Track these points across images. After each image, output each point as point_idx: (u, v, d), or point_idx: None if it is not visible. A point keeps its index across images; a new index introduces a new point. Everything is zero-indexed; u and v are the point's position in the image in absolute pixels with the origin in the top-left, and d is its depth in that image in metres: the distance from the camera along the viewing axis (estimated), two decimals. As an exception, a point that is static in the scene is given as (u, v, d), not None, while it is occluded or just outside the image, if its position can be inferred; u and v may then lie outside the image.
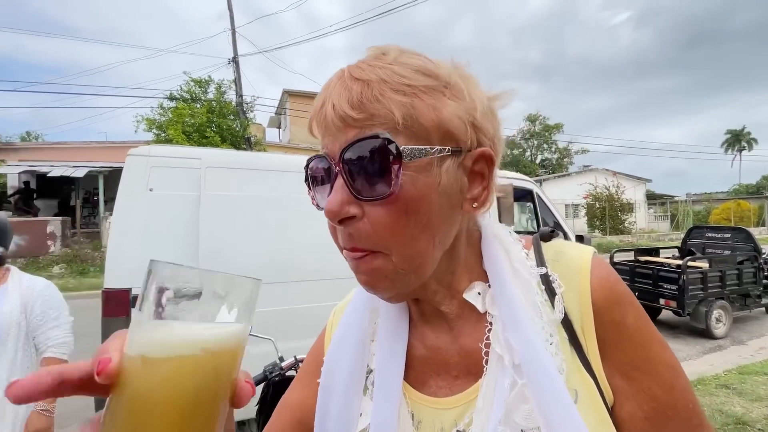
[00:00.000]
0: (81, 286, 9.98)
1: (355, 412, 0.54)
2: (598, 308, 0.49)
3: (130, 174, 2.81)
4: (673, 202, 31.06)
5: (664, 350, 0.51)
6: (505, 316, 0.49)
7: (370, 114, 0.43)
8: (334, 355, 0.58)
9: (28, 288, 1.85)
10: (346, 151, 0.44)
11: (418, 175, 0.44)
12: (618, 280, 0.51)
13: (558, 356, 0.47)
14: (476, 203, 0.49)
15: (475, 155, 0.48)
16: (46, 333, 1.86)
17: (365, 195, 0.44)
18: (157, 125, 14.22)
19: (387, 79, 0.44)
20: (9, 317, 1.75)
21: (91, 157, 15.72)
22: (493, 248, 0.54)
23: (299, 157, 3.49)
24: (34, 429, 1.77)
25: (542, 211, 4.92)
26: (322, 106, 0.46)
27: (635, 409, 0.48)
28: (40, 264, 11.49)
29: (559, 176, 28.04)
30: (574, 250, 0.54)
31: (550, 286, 0.51)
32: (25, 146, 17.97)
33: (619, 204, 22.71)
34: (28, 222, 12.29)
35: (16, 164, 14.66)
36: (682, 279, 5.87)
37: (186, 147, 6.38)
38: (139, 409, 0.28)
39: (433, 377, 0.55)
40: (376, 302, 0.58)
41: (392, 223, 0.44)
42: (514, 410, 0.46)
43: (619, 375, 0.49)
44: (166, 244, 2.80)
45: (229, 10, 15.93)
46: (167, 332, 0.29)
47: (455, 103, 0.46)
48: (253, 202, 3.04)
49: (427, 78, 0.45)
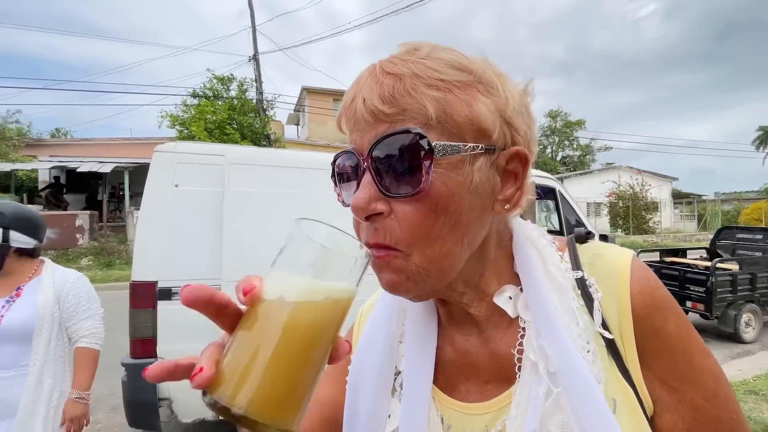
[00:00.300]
0: (107, 277, 10.32)
1: (384, 413, 0.54)
2: (638, 315, 0.47)
3: (156, 170, 2.89)
4: (700, 201, 30.02)
5: (707, 358, 0.49)
6: (539, 323, 0.47)
7: (402, 108, 0.42)
8: (361, 354, 0.57)
9: (61, 280, 1.92)
10: (376, 146, 0.43)
11: (449, 172, 0.43)
12: (659, 284, 0.49)
13: (596, 364, 0.45)
14: (508, 204, 0.48)
15: (509, 154, 0.46)
16: (78, 323, 1.92)
17: (393, 191, 0.43)
18: (180, 122, 14.55)
19: (420, 74, 0.42)
20: (43, 308, 1.82)
21: (117, 153, 16.22)
22: (525, 251, 0.52)
23: (320, 154, 3.52)
24: (70, 416, 1.85)
25: (565, 210, 4.83)
26: (352, 101, 0.45)
27: (676, 420, 0.47)
28: (69, 256, 11.93)
29: (581, 174, 27.41)
30: (612, 252, 0.52)
31: (587, 291, 0.49)
32: (55, 142, 18.65)
33: (643, 203, 22.10)
34: (58, 215, 12.77)
35: (47, 159, 15.25)
36: (711, 281, 5.68)
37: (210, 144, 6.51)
38: (269, 338, 0.33)
39: (462, 381, 0.53)
40: (403, 303, 0.57)
41: (420, 222, 0.43)
42: (550, 419, 0.44)
43: (659, 384, 0.47)
44: (191, 238, 2.87)
45: (250, 8, 16.12)
46: (300, 281, 0.35)
47: (488, 99, 0.44)
48: (275, 198, 3.08)
49: (461, 73, 0.44)
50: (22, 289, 1.84)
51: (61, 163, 14.63)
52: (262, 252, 3.04)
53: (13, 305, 1.79)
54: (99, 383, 2.07)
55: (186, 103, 15.22)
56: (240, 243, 2.92)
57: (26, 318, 1.79)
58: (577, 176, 26.58)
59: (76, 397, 1.87)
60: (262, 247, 3.00)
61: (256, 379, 0.32)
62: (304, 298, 0.34)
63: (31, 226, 1.89)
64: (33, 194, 14.50)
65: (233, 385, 0.32)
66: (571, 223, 4.91)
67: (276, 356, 0.33)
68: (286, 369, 0.33)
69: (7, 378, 1.74)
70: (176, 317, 2.80)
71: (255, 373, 0.32)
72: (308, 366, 0.35)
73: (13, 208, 1.89)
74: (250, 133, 14.74)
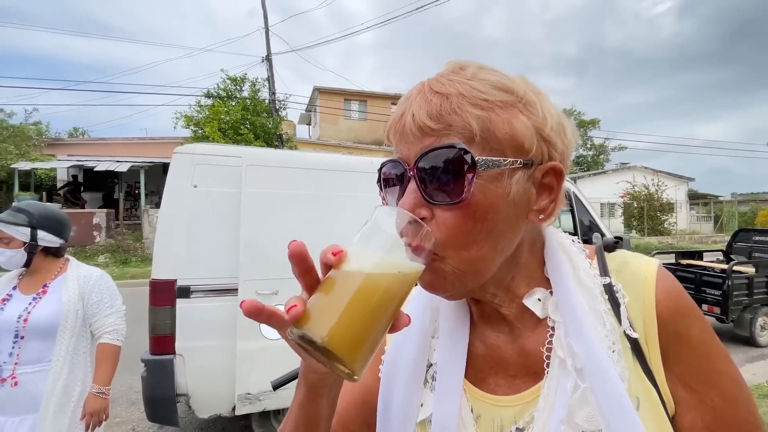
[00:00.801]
0: (124, 275, 10.53)
1: (416, 402, 0.58)
2: (663, 320, 0.50)
3: (175, 171, 2.95)
4: (717, 202, 29.40)
5: (728, 363, 0.51)
6: (568, 322, 0.50)
7: (448, 125, 0.46)
8: (396, 347, 0.62)
9: (85, 277, 1.99)
10: (423, 157, 0.47)
11: (489, 184, 0.47)
12: (683, 292, 0.52)
13: (620, 363, 0.48)
14: (542, 215, 0.51)
15: (545, 168, 0.50)
16: (101, 320, 1.98)
17: (437, 199, 0.47)
18: (195, 122, 14.75)
19: (465, 94, 0.46)
20: (68, 305, 1.88)
21: (133, 152, 16.51)
22: (556, 257, 0.55)
23: (335, 156, 3.56)
24: (91, 410, 1.90)
25: (579, 211, 4.79)
26: (401, 116, 0.49)
27: (696, 420, 0.49)
28: (86, 253, 12.20)
29: (595, 174, 27.01)
30: (639, 260, 0.55)
31: (614, 296, 0.52)
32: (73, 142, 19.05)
33: (658, 204, 21.73)
34: (76, 213, 13.06)
35: (65, 159, 15.59)
36: (727, 284, 5.59)
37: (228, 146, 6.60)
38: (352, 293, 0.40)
39: (491, 375, 0.57)
40: (437, 302, 0.61)
41: (458, 227, 0.46)
42: (576, 411, 0.48)
43: (681, 385, 0.50)
44: (209, 238, 2.94)
45: (263, 9, 16.27)
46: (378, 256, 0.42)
47: (528, 118, 0.48)
48: (291, 199, 3.13)
49: (503, 93, 0.47)
50: (48, 287, 1.91)
51: (79, 162, 14.96)
52: (278, 252, 3.09)
53: (39, 302, 1.86)
54: (117, 378, 2.14)
55: (200, 104, 15.44)
56: (256, 243, 2.98)
57: (52, 314, 1.85)
58: (590, 176, 26.20)
59: (97, 392, 1.92)
60: (278, 247, 3.06)
61: (339, 321, 0.38)
62: (382, 269, 0.41)
63: (58, 226, 1.97)
64: (52, 193, 14.84)
65: (320, 322, 0.39)
66: (584, 224, 4.87)
67: (356, 308, 0.39)
68: (362, 320, 0.40)
69: (34, 373, 1.80)
70: (194, 315, 2.86)
71: (339, 317, 0.39)
72: (379, 323, 0.41)
73: (40, 207, 1.96)
74: (263, 133, 14.89)
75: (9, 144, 14.74)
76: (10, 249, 1.85)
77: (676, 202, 23.29)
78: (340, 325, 0.38)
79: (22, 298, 1.86)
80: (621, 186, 22.63)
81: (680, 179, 27.00)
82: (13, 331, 1.79)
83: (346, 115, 23.77)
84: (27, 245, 1.87)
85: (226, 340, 2.90)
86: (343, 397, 0.67)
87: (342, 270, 0.41)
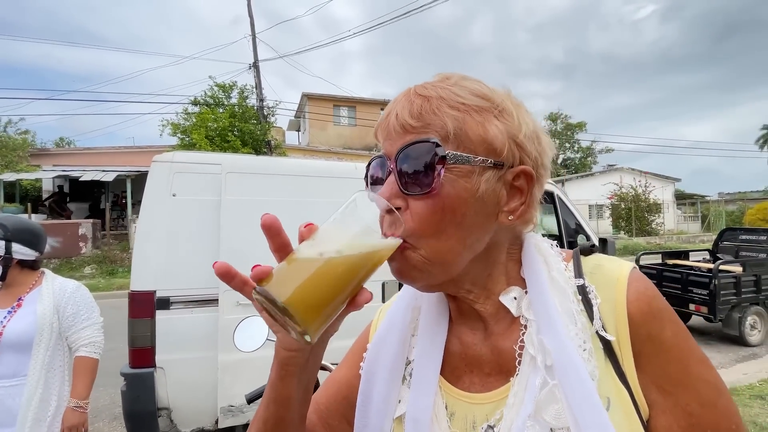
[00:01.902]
0: (110, 286, 10.35)
1: (395, 398, 0.60)
2: (634, 321, 0.50)
3: (154, 180, 2.90)
4: (704, 202, 29.86)
5: (705, 368, 0.51)
6: (540, 320, 0.52)
7: (426, 123, 0.50)
8: (377, 345, 0.64)
9: (60, 290, 1.93)
10: (402, 151, 0.50)
11: (459, 179, 0.50)
12: (656, 294, 0.52)
13: (590, 363, 0.49)
14: (512, 216, 0.53)
15: (516, 171, 0.52)
16: (77, 333, 1.94)
17: (411, 190, 0.50)
18: (182, 130, 14.64)
19: (445, 97, 0.51)
20: (42, 318, 1.84)
21: (120, 161, 16.31)
22: (532, 257, 0.57)
23: (317, 162, 3.53)
24: (69, 424, 1.86)
25: (563, 213, 4.81)
26: (387, 116, 0.54)
27: (671, 424, 0.49)
28: (72, 264, 11.98)
29: (582, 176, 27.32)
30: (613, 263, 0.56)
31: (587, 296, 0.53)
32: (59, 152, 18.80)
33: (646, 204, 22.00)
34: (62, 224, 12.83)
35: (50, 169, 15.36)
36: (714, 283, 5.65)
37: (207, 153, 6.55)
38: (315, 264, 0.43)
39: (467, 373, 0.58)
40: (419, 301, 0.64)
41: (428, 217, 0.49)
42: (544, 408, 0.48)
43: (655, 388, 0.50)
44: (189, 247, 2.88)
45: (250, 17, 16.26)
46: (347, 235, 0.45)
47: (502, 123, 0.51)
48: (272, 206, 3.08)
49: (480, 99, 0.51)
50: (23, 300, 1.86)
51: (65, 173, 14.74)
52: (260, 260, 3.04)
53: (14, 316, 1.81)
54: (100, 392, 2.09)
55: (187, 111, 15.32)
56: (237, 251, 2.92)
57: (26, 328, 1.81)
58: (578, 179, 26.50)
59: (74, 406, 1.89)
60: (259, 255, 3.00)
61: (301, 285, 0.42)
62: (349, 248, 0.44)
63: (33, 239, 1.92)
64: (37, 203, 14.60)
65: (282, 283, 0.43)
66: (570, 227, 4.88)
67: (317, 277, 0.42)
68: (322, 289, 0.43)
69: (10, 387, 1.77)
70: (174, 327, 2.80)
71: (301, 283, 0.42)
72: (338, 294, 0.44)
73: (15, 220, 1.92)
74: (251, 140, 14.81)
75: (-7, 155, 14.50)
76: None
77: (663, 203, 23.60)
78: (300, 289, 0.41)
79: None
80: (608, 188, 22.91)
81: (667, 180, 27.41)
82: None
83: (336, 121, 23.80)
84: (1, 258, 1.82)
85: (208, 352, 2.84)
86: (324, 391, 0.70)
87: (312, 244, 0.45)
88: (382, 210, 0.51)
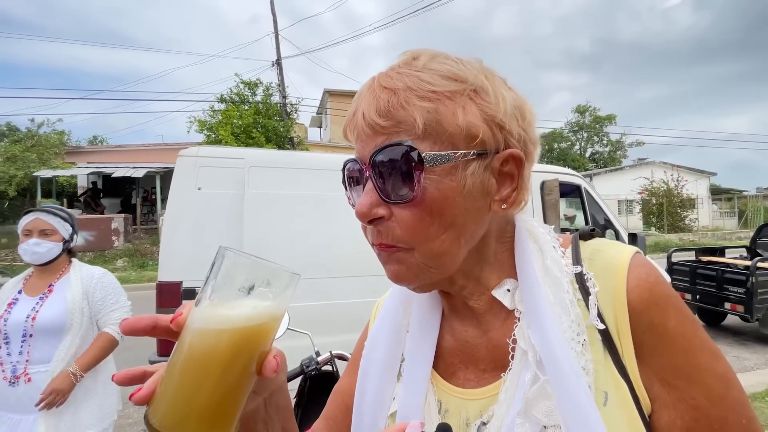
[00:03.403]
0: (141, 278, 10.74)
1: (389, 395, 0.58)
2: (635, 310, 0.46)
3: (180, 174, 2.98)
4: (741, 197, 28.46)
5: (714, 359, 0.46)
6: (530, 313, 0.49)
7: (397, 121, 0.45)
8: (372, 343, 0.62)
9: (87, 276, 2.02)
10: (375, 156, 0.46)
11: (442, 179, 0.46)
12: (659, 280, 0.48)
13: (584, 356, 0.46)
14: (505, 204, 0.50)
15: (503, 156, 0.48)
16: (107, 315, 2.02)
17: (392, 198, 0.46)
18: (208, 127, 14.99)
19: (413, 87, 0.45)
20: (72, 303, 1.92)
21: (149, 158, 16.85)
22: (524, 245, 0.53)
23: (337, 156, 3.55)
24: (57, 386, 1.80)
25: (591, 207, 4.67)
26: (354, 114, 0.49)
27: (675, 419, 0.45)
28: (105, 257, 12.50)
29: (612, 170, 26.42)
30: (613, 248, 0.52)
31: (585, 285, 0.49)
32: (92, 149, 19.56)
33: (678, 199, 21.13)
34: (95, 219, 13.39)
35: (85, 166, 16.03)
36: (751, 281, 5.37)
37: (231, 148, 6.69)
38: (183, 362, 0.37)
39: (461, 369, 0.56)
40: (411, 296, 0.61)
41: (416, 224, 0.46)
42: (534, 405, 0.46)
43: (658, 381, 0.46)
44: (213, 239, 2.95)
45: (273, 14, 16.44)
46: (218, 311, 0.38)
47: (479, 106, 0.46)
48: (293, 200, 3.13)
49: (452, 83, 0.46)
50: (53, 286, 1.95)
51: (98, 169, 15.35)
52: (282, 252, 3.10)
53: (46, 301, 1.89)
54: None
55: (213, 109, 15.67)
56: (260, 243, 2.98)
57: (59, 313, 1.88)
58: (607, 173, 25.66)
59: (72, 371, 1.85)
60: (282, 246, 3.06)
61: (172, 399, 0.36)
62: (220, 326, 0.37)
63: (77, 228, 2.07)
64: (72, 199, 15.27)
65: (155, 403, 0.37)
66: (599, 222, 4.74)
67: (185, 380, 0.36)
68: (193, 391, 0.37)
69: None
70: (200, 316, 2.89)
71: (171, 394, 0.37)
72: (219, 389, 0.37)
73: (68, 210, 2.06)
74: (275, 136, 15.03)
75: (32, 153, 15.23)
76: (50, 241, 1.93)
77: (698, 198, 22.62)
78: (175, 405, 0.36)
79: (29, 300, 1.90)
80: (639, 182, 22.11)
81: (701, 174, 26.24)
82: (21, 332, 1.83)
83: (357, 117, 23.82)
84: (65, 242, 1.95)
85: (232, 342, 2.91)
86: (330, 403, 0.69)
87: (181, 336, 0.39)
88: (364, 222, 0.48)
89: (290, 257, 3.05)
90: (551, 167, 4.58)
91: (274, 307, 0.40)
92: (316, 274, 3.08)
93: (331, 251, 3.17)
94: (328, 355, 1.75)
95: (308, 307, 2.95)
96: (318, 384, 1.77)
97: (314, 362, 1.72)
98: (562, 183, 4.19)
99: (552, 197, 3.76)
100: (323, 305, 3.06)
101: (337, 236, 3.16)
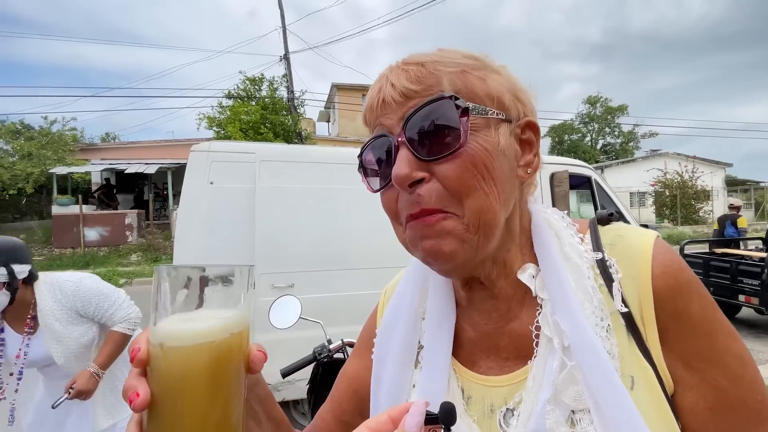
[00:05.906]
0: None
1: (407, 383, 0.57)
2: (660, 296, 0.47)
3: (193, 168, 3.04)
4: (758, 188, 27.83)
5: (733, 340, 0.48)
6: (554, 299, 0.49)
7: (429, 85, 0.47)
8: (386, 329, 0.61)
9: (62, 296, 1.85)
10: (410, 118, 0.46)
11: (479, 133, 0.47)
12: (682, 266, 0.49)
13: (609, 341, 0.47)
14: (530, 169, 0.52)
15: (523, 124, 0.52)
16: (111, 319, 1.93)
17: (434, 154, 0.46)
18: (217, 123, 15.10)
19: (439, 60, 0.48)
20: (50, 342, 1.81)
21: (161, 154, 17.05)
22: (543, 232, 0.54)
23: (347, 149, 3.56)
24: (82, 387, 1.81)
25: (602, 199, 4.63)
26: (378, 91, 0.49)
27: (698, 400, 0.47)
28: (120, 252, 12.72)
29: (624, 162, 26.00)
30: (635, 233, 0.52)
31: (607, 271, 0.50)
32: (105, 146, 19.84)
33: (692, 191, 20.75)
34: (110, 215, 13.64)
35: (98, 162, 16.29)
36: (766, 273, 5.29)
37: (242, 142, 6.75)
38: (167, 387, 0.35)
39: (483, 358, 0.56)
40: (425, 283, 0.60)
41: (462, 176, 0.46)
42: (563, 391, 0.46)
43: (681, 364, 0.47)
44: (226, 233, 3.01)
45: (280, 9, 16.43)
46: (177, 326, 0.35)
47: (499, 77, 0.50)
48: (304, 193, 3.16)
49: (472, 60, 0.50)
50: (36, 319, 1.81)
51: (111, 166, 15.58)
52: (293, 245, 3.15)
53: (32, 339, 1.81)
54: None
55: (222, 105, 15.77)
56: (271, 237, 3.03)
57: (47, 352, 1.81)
58: (619, 165, 25.27)
59: (94, 372, 1.86)
60: (293, 239, 3.10)
61: None
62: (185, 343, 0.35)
63: (23, 253, 1.80)
64: (87, 195, 15.54)
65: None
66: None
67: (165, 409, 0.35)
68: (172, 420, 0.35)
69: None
70: (214, 308, 2.95)
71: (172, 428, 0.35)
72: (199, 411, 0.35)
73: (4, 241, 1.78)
74: (283, 131, 15.08)
75: (48, 150, 15.51)
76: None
77: (713, 189, 22.18)
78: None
79: (16, 337, 1.82)
80: (652, 174, 21.74)
81: (716, 165, 25.69)
82: None
83: (365, 111, 23.80)
84: (6, 284, 1.72)
85: (245, 333, 2.97)
86: (336, 387, 0.69)
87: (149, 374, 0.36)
88: (403, 187, 0.46)
89: (301, 249, 3.10)
90: (561, 158, 4.55)
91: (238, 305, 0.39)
92: (327, 267, 3.12)
93: (342, 243, 3.20)
94: (339, 343, 1.79)
95: (319, 299, 3.00)
96: (330, 371, 1.81)
97: (326, 350, 1.77)
98: (572, 175, 4.16)
99: (561, 189, 3.74)
100: (333, 297, 3.11)
101: (348, 229, 3.19)
